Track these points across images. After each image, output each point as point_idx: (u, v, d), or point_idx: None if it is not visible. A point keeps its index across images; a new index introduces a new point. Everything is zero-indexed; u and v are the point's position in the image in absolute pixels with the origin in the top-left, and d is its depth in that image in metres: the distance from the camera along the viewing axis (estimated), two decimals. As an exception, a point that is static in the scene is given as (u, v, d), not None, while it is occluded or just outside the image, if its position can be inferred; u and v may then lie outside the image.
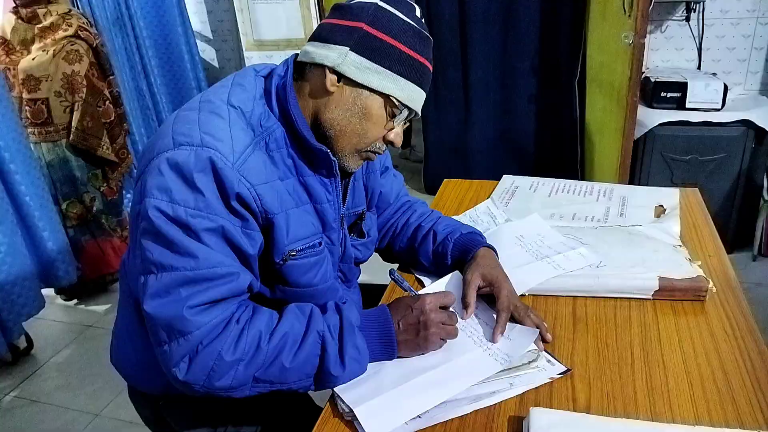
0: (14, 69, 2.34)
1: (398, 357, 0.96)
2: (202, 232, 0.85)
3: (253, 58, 2.97)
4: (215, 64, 3.56)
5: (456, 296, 1.06)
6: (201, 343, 0.85)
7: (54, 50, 2.35)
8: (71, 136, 2.44)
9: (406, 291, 1.07)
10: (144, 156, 0.93)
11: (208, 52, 3.52)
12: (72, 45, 2.38)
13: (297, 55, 0.99)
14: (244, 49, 2.96)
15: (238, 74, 1.01)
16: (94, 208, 2.63)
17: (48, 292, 2.46)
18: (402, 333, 0.95)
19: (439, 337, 0.96)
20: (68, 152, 2.49)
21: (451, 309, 1.01)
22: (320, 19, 2.76)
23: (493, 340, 0.98)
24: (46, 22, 2.36)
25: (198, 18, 3.42)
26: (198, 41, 3.32)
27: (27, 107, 2.36)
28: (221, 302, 0.88)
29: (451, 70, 3.07)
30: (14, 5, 2.37)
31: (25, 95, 2.35)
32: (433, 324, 0.95)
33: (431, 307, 0.96)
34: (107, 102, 2.55)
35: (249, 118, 0.93)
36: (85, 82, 2.41)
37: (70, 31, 2.38)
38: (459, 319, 1.01)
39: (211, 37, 3.49)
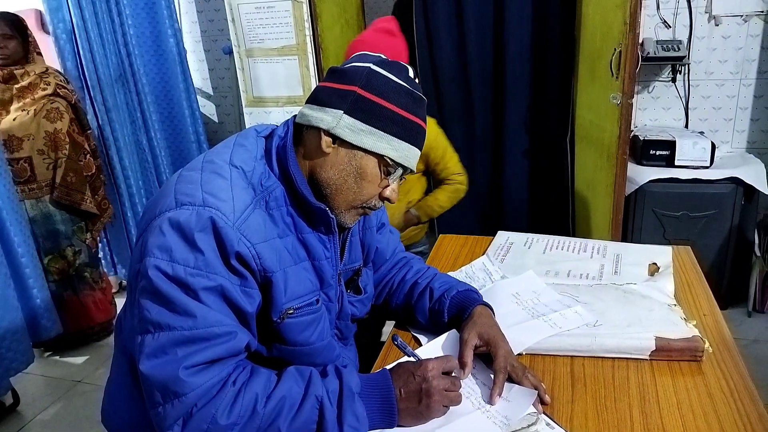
0: None
1: (399, 425, 0.94)
2: (201, 291, 0.86)
3: (252, 113, 3.03)
4: (215, 119, 3.63)
5: (453, 356, 1.06)
6: (195, 406, 0.84)
7: (35, 109, 2.40)
8: (55, 192, 2.47)
9: (410, 356, 1.04)
10: (145, 215, 0.95)
11: (208, 108, 3.60)
12: (52, 103, 2.44)
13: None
14: (243, 105, 3.03)
15: (240, 135, 1.04)
16: (77, 262, 2.63)
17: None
18: (403, 400, 0.93)
19: (442, 404, 0.94)
20: (51, 207, 2.51)
21: (453, 374, 0.99)
22: (318, 78, 2.84)
23: (491, 402, 0.97)
24: (24, 82, 2.41)
25: (200, 75, 3.51)
26: (198, 97, 3.40)
27: (9, 167, 2.36)
28: (218, 363, 0.87)
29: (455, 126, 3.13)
30: None
31: (6, 155, 2.35)
32: (435, 391, 0.93)
33: (434, 373, 0.94)
34: (87, 155, 2.60)
35: (250, 178, 0.96)
36: (67, 139, 2.46)
37: (49, 90, 2.44)
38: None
39: (212, 93, 3.57)
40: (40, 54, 2.54)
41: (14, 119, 2.38)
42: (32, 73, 2.43)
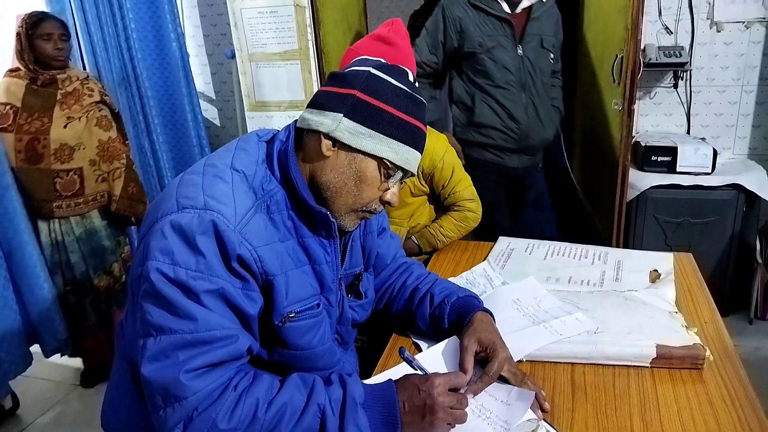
0: (44, 138, 2.18)
1: None
2: (203, 293, 0.86)
3: (254, 118, 3.03)
4: (217, 123, 3.64)
5: (453, 363, 1.06)
6: (196, 410, 0.83)
7: (87, 116, 2.25)
8: (115, 204, 2.34)
9: (417, 369, 1.02)
10: (147, 218, 0.95)
11: (210, 112, 3.60)
12: (100, 111, 2.31)
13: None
14: (246, 110, 3.03)
15: (242, 139, 1.04)
16: (124, 277, 2.49)
17: (36, 349, 2.38)
18: (407, 414, 0.91)
19: (446, 422, 0.92)
20: (96, 223, 2.36)
21: (461, 391, 0.97)
22: (320, 83, 2.85)
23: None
24: (69, 88, 2.24)
25: (202, 79, 3.52)
26: (201, 101, 3.40)
27: (58, 179, 2.22)
28: (219, 366, 0.87)
29: None
30: (17, 69, 2.22)
31: (56, 166, 2.20)
32: (440, 408, 0.91)
33: (440, 390, 0.92)
34: (133, 166, 2.46)
35: (251, 182, 0.96)
36: (123, 148, 2.35)
37: (96, 97, 2.30)
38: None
39: (214, 98, 3.58)
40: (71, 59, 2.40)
41: (65, 126, 2.20)
42: (75, 78, 2.27)
